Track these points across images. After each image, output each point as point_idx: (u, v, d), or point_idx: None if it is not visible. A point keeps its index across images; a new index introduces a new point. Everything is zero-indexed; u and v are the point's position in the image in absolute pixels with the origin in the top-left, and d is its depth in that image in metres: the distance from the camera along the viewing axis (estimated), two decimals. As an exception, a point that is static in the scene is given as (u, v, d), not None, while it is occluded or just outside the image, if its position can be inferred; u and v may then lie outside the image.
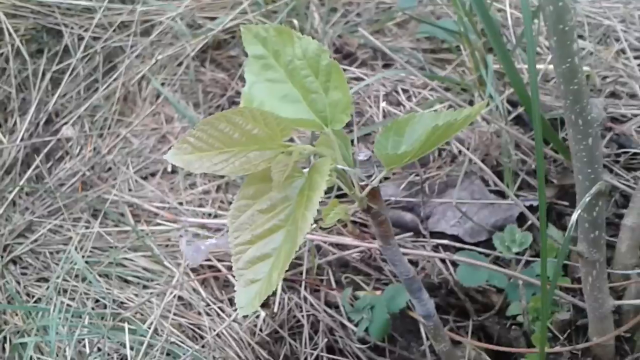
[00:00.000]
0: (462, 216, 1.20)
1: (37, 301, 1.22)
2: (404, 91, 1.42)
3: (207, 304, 1.17)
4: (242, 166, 0.56)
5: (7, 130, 1.50)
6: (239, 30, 1.56)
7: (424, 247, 1.20)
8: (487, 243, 1.18)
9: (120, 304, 1.19)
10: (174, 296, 1.18)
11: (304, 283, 1.17)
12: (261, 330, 1.14)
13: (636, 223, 0.98)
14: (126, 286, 1.22)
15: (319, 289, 1.18)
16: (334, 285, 1.19)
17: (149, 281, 1.22)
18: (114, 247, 1.28)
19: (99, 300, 1.20)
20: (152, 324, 1.14)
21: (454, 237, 1.21)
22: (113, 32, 1.58)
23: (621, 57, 1.38)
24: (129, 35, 1.58)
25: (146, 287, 1.21)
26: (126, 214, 1.33)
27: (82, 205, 1.36)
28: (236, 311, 1.15)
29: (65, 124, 1.52)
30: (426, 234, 1.21)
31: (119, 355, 1.13)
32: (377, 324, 1.07)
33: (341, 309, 1.15)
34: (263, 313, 1.15)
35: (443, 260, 1.18)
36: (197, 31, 1.59)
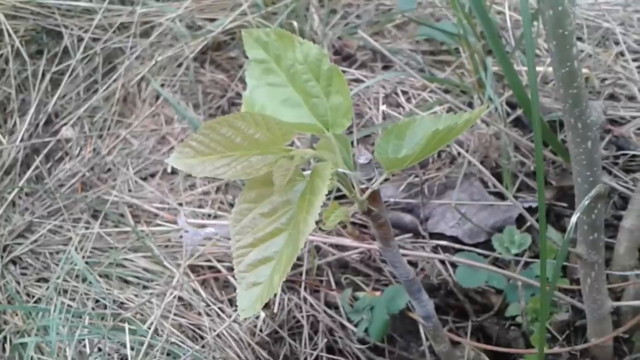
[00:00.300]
0: (461, 217, 1.20)
1: (37, 301, 1.22)
2: (404, 93, 1.42)
3: (207, 305, 1.18)
4: (244, 170, 0.57)
5: (7, 131, 1.51)
6: (238, 32, 1.58)
7: (423, 248, 1.21)
8: (486, 244, 1.18)
9: (121, 304, 1.19)
10: (174, 296, 1.18)
11: (303, 284, 1.18)
12: (261, 331, 1.14)
13: (635, 225, 0.98)
14: (126, 287, 1.22)
15: (318, 289, 1.19)
16: (333, 286, 1.19)
17: (149, 282, 1.22)
18: (114, 248, 1.28)
19: (99, 301, 1.20)
20: (152, 324, 1.14)
21: (453, 238, 1.21)
22: (113, 33, 1.59)
23: (620, 60, 1.39)
24: (128, 37, 1.58)
25: (146, 287, 1.22)
26: (126, 214, 1.34)
27: (82, 205, 1.36)
28: (236, 311, 1.15)
29: (65, 124, 1.52)
30: (425, 235, 1.21)
31: (120, 355, 1.13)
32: (376, 324, 1.07)
33: (341, 309, 1.15)
34: (263, 314, 1.15)
35: (442, 261, 1.18)
36: (196, 32, 1.59)
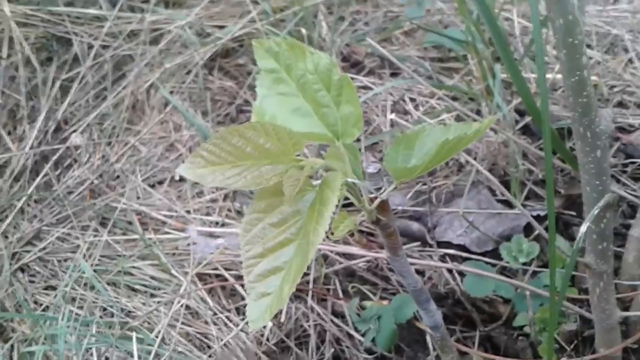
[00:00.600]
0: (469, 226, 1.20)
1: (45, 309, 1.22)
2: (412, 100, 1.43)
3: (215, 313, 1.17)
4: (254, 180, 0.57)
5: (17, 138, 1.51)
6: (247, 39, 1.59)
7: (430, 257, 1.20)
8: (494, 253, 1.18)
9: (128, 312, 1.19)
10: (182, 305, 1.18)
11: (311, 292, 1.18)
12: (268, 340, 1.14)
13: (644, 234, 0.98)
14: (134, 295, 1.22)
15: (325, 298, 1.18)
16: (340, 295, 1.19)
17: (156, 290, 1.22)
18: (122, 256, 1.28)
19: (106, 309, 1.20)
20: (159, 333, 1.14)
21: (460, 247, 1.21)
22: (122, 40, 1.59)
23: (629, 67, 1.39)
24: (138, 44, 1.59)
25: (154, 295, 1.22)
26: (134, 222, 1.34)
27: (90, 213, 1.37)
28: (243, 320, 1.15)
29: (74, 131, 1.53)
30: (433, 243, 1.21)
31: (127, 363, 1.13)
32: (384, 334, 1.07)
33: (348, 318, 1.15)
34: (270, 323, 1.15)
35: (450, 270, 1.18)
36: (205, 40, 1.60)
